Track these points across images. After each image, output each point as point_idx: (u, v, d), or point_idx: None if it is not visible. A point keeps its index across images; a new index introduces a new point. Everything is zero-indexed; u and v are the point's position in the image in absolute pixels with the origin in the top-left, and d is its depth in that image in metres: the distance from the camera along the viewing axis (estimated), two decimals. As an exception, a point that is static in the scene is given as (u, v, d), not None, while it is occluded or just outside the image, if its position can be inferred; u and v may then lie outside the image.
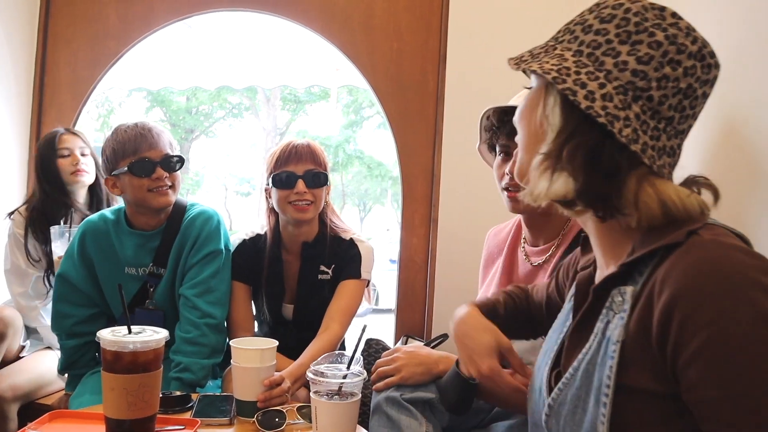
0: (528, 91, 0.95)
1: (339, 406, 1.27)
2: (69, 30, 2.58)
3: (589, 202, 0.82)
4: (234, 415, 1.44)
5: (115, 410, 1.17)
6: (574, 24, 0.88)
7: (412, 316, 2.47)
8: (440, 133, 2.39)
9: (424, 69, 2.45)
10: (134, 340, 1.17)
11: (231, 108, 14.74)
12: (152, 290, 1.85)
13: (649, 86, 0.79)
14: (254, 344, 1.51)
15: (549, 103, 0.85)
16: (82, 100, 2.58)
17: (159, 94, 13.18)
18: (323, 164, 1.88)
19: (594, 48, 0.83)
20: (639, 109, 0.79)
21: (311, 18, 2.49)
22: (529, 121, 0.90)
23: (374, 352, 2.00)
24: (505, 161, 1.51)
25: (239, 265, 1.91)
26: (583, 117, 0.80)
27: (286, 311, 1.97)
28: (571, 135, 0.81)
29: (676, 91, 0.80)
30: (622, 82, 0.80)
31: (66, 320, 1.84)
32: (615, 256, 0.86)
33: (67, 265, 1.86)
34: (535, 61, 0.87)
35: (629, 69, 0.80)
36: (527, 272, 1.56)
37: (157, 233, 1.85)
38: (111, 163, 1.79)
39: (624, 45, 0.81)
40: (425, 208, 2.46)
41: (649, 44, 0.80)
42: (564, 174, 0.81)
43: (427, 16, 2.45)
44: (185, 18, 2.60)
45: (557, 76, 0.81)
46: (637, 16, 0.82)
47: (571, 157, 0.81)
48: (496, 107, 1.52)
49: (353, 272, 1.90)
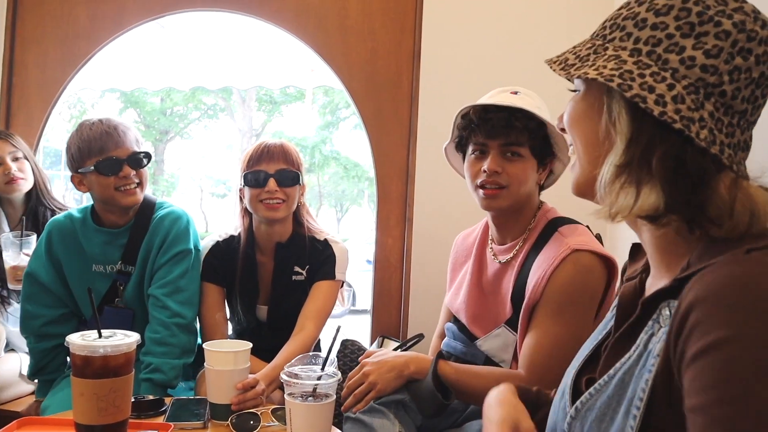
0: (509, 95, 0.89)
1: (314, 408, 1.26)
2: (38, 30, 2.54)
3: (681, 213, 0.74)
4: (208, 418, 1.43)
5: (85, 416, 1.15)
6: (622, 18, 0.80)
7: (387, 316, 2.48)
8: (415, 134, 2.40)
9: (399, 69, 2.45)
10: (105, 344, 1.15)
11: (206, 109, 14.62)
12: (122, 288, 1.84)
13: (720, 81, 0.73)
14: (227, 347, 1.50)
15: (614, 110, 0.77)
16: (51, 102, 2.54)
17: (132, 95, 13.02)
18: (296, 164, 1.87)
19: (654, 45, 0.76)
20: (712, 107, 0.73)
21: (285, 18, 2.49)
22: (588, 129, 0.83)
23: (350, 353, 2.00)
24: (479, 159, 1.52)
25: (212, 267, 1.90)
26: (657, 123, 0.73)
27: (260, 313, 1.96)
28: (650, 144, 0.74)
29: (749, 81, 0.74)
30: (692, 80, 0.73)
31: (35, 321, 1.81)
32: (670, 268, 0.80)
33: (36, 265, 1.84)
34: (586, 65, 0.80)
35: (698, 65, 0.73)
36: (495, 270, 1.58)
37: (125, 230, 1.83)
38: (76, 161, 1.78)
39: (688, 38, 0.74)
40: (400, 209, 2.46)
41: (717, 35, 0.73)
42: (649, 186, 0.74)
43: (401, 16, 2.45)
44: (157, 18, 2.57)
45: (622, 83, 0.74)
46: (698, 5, 0.75)
47: (659, 167, 0.73)
48: (477, 104, 1.52)
49: (328, 273, 1.90)
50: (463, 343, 1.64)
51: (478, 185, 1.51)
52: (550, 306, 1.40)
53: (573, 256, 1.39)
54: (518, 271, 1.50)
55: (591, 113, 0.82)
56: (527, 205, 1.54)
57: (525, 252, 1.51)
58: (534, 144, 1.49)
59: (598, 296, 1.42)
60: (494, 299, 1.57)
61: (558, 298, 1.39)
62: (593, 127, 0.81)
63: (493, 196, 1.49)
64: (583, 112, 0.84)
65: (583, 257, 1.39)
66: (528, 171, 1.50)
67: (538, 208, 1.57)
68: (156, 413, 1.45)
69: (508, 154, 1.49)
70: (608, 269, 1.42)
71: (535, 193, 1.56)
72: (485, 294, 1.60)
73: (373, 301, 2.50)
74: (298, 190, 1.89)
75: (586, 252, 1.39)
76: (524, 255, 1.50)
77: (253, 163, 1.85)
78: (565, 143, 1.50)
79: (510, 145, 1.48)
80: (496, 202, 1.50)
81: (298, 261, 1.91)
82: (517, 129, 1.47)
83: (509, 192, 1.49)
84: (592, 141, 0.82)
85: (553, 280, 1.39)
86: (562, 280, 1.39)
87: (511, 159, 1.49)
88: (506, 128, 1.47)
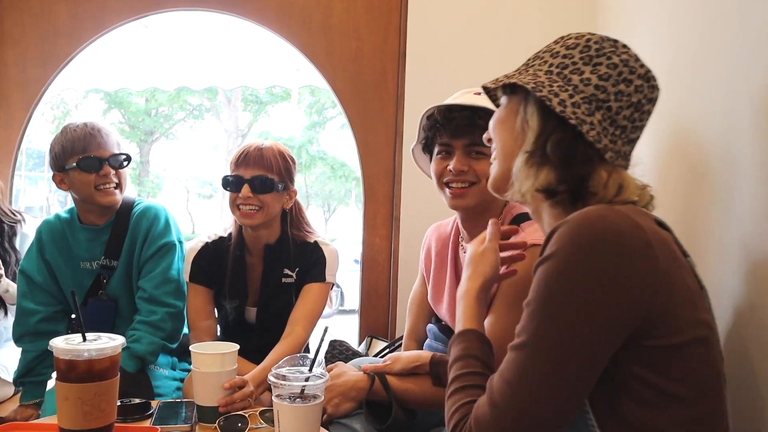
0: (473, 95, 1.18)
1: (301, 409, 1.25)
2: (17, 28, 2.50)
3: (570, 184, 0.98)
4: (195, 421, 1.42)
5: (70, 421, 1.14)
6: (542, 52, 1.07)
7: (375, 316, 2.47)
8: (401, 133, 2.39)
9: (384, 68, 2.45)
10: (89, 347, 1.14)
11: (191, 109, 14.53)
12: (105, 282, 1.90)
13: (608, 98, 0.98)
14: (214, 349, 1.49)
15: (528, 111, 1.02)
16: (33, 102, 2.50)
17: (117, 96, 12.92)
18: (276, 170, 1.82)
19: (562, 68, 1.01)
20: (600, 116, 0.98)
21: (269, 18, 2.47)
22: (507, 128, 1.07)
23: (338, 353, 1.99)
24: (444, 159, 1.53)
25: (201, 269, 1.89)
26: (558, 120, 0.98)
27: (249, 314, 1.94)
28: (551, 134, 0.98)
29: (629, 104, 0.99)
30: (587, 95, 0.98)
31: (31, 317, 1.88)
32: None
33: (29, 263, 1.92)
34: (512, 79, 1.04)
35: (592, 84, 0.98)
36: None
37: (107, 226, 1.92)
38: (59, 160, 1.85)
39: (587, 66, 1.00)
40: (387, 208, 2.46)
41: (608, 65, 0.99)
42: (546, 167, 0.99)
43: (385, 15, 2.44)
44: (140, 17, 2.54)
45: (535, 86, 0.99)
46: (597, 44, 1.01)
47: (553, 151, 0.98)
48: (440, 105, 1.53)
49: (318, 276, 1.88)
50: (444, 344, 1.64)
51: (444, 183, 1.52)
52: (504, 298, 1.40)
53: (528, 250, 1.40)
54: None
55: (510, 116, 1.07)
56: (494, 203, 1.55)
57: None
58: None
59: None
60: None
61: (511, 290, 1.39)
62: (510, 127, 1.06)
63: (461, 195, 1.50)
64: (504, 116, 1.09)
65: (537, 251, 1.40)
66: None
67: (504, 205, 1.58)
68: (142, 417, 1.44)
69: (473, 153, 1.49)
70: None
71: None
72: None
73: (361, 301, 2.50)
74: (279, 197, 1.85)
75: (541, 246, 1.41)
76: None
77: (233, 166, 1.84)
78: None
79: (474, 144, 1.49)
80: (464, 201, 1.51)
81: (287, 263, 1.90)
82: (480, 128, 1.47)
83: (478, 188, 1.49)
84: (512, 137, 1.06)
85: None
86: (517, 273, 1.40)
87: (476, 158, 1.49)
88: (470, 127, 1.47)
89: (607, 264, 0.85)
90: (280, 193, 1.85)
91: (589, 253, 0.86)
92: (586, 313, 0.84)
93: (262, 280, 1.92)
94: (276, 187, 1.82)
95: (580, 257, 0.86)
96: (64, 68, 2.53)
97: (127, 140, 13.98)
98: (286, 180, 1.86)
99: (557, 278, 0.87)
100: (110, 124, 2.03)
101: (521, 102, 1.04)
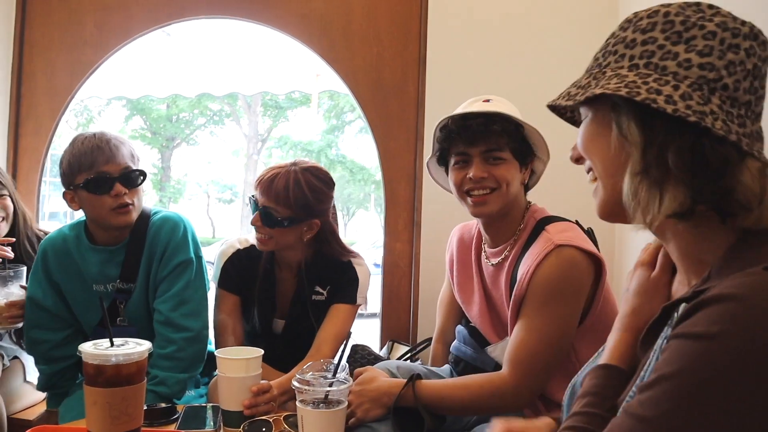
0: (482, 103, 0.91)
1: (325, 414, 1.26)
2: (45, 38, 2.55)
3: (709, 202, 0.76)
4: (220, 425, 1.43)
5: (98, 425, 1.15)
6: (611, 46, 0.85)
7: (397, 320, 2.47)
8: (422, 138, 2.40)
9: (405, 74, 2.45)
10: (117, 352, 1.15)
11: (212, 115, 14.68)
12: (122, 307, 1.79)
13: (719, 75, 0.77)
14: (239, 354, 1.50)
15: (623, 123, 0.81)
16: (60, 110, 2.55)
17: (139, 102, 13.09)
18: (284, 203, 1.70)
19: (648, 57, 0.81)
20: (718, 100, 0.77)
21: (290, 24, 2.49)
22: (602, 147, 0.85)
23: (360, 357, 2.00)
24: (462, 168, 1.52)
25: (230, 276, 1.86)
26: (668, 124, 0.77)
27: (277, 326, 1.91)
28: (664, 145, 0.77)
29: (745, 73, 0.79)
30: (693, 79, 0.77)
31: (41, 346, 1.78)
32: (696, 275, 0.83)
33: (34, 288, 1.78)
34: (589, 89, 0.83)
35: (695, 64, 0.78)
36: (490, 273, 1.60)
37: (122, 247, 1.77)
38: (68, 177, 1.70)
39: (678, 45, 0.79)
40: (408, 213, 2.46)
41: (704, 36, 0.79)
42: (670, 184, 0.77)
43: (406, 21, 2.45)
44: (164, 26, 2.58)
45: (629, 91, 0.77)
46: (679, 16, 0.81)
47: (677, 163, 0.76)
48: (454, 114, 1.53)
49: (348, 297, 1.83)
50: (473, 348, 1.63)
51: (464, 192, 1.52)
52: (534, 301, 1.40)
53: (556, 251, 1.39)
54: (510, 272, 1.51)
55: (602, 132, 0.85)
56: (515, 207, 1.55)
57: (515, 253, 1.51)
58: (514, 146, 1.50)
59: (583, 291, 1.42)
60: (501, 304, 1.57)
61: (541, 292, 1.39)
62: (606, 144, 0.84)
63: (483, 202, 1.50)
64: (593, 133, 0.87)
65: (566, 252, 1.39)
66: (513, 172, 1.51)
67: (526, 209, 1.57)
68: (168, 421, 1.45)
69: (491, 159, 1.49)
70: (595, 265, 1.42)
71: (521, 193, 1.57)
72: (493, 301, 1.60)
73: (383, 306, 2.50)
74: (289, 231, 1.74)
75: (570, 247, 1.39)
76: (514, 256, 1.51)
77: (255, 187, 1.78)
78: (543, 142, 1.52)
79: (491, 150, 1.48)
80: (486, 208, 1.50)
81: (319, 281, 1.86)
82: (496, 133, 1.47)
83: (500, 193, 1.49)
84: (608, 157, 0.84)
85: (537, 275, 1.40)
86: (546, 274, 1.39)
87: (495, 163, 1.49)
88: (486, 133, 1.47)
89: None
90: (291, 228, 1.74)
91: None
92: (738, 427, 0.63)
93: (293, 297, 1.88)
94: (281, 223, 1.72)
95: (757, 358, 0.63)
96: (90, 76, 2.57)
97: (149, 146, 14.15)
98: (301, 213, 1.73)
99: (713, 368, 0.64)
100: (131, 131, 1.96)
101: (610, 111, 0.83)
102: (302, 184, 1.71)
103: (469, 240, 1.71)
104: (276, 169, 1.75)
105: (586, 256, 1.40)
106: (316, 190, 1.73)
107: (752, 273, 0.69)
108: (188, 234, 1.79)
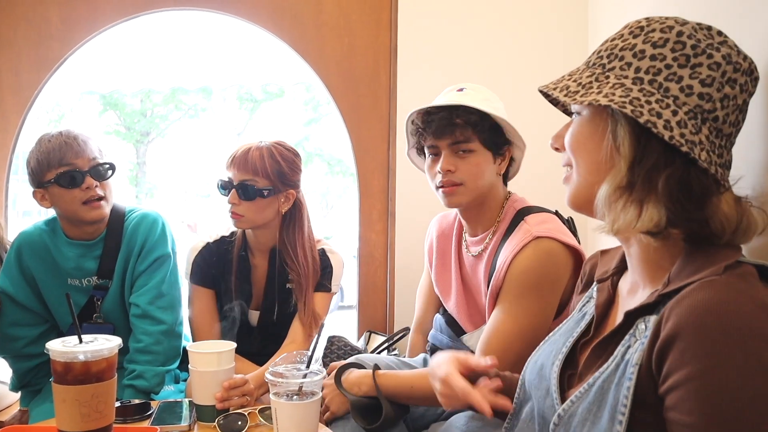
0: (456, 93, 0.91)
1: (300, 407, 1.26)
2: (9, 32, 2.49)
3: (683, 228, 0.80)
4: (194, 420, 1.42)
5: (68, 423, 1.14)
6: (619, 49, 0.86)
7: (374, 311, 2.47)
8: (394, 127, 2.39)
9: (376, 64, 2.44)
10: (85, 349, 1.14)
11: (187, 109, 14.49)
12: (99, 303, 1.79)
13: (714, 107, 0.80)
14: (211, 347, 1.49)
15: (618, 135, 0.82)
16: (26, 106, 2.50)
17: (111, 97, 12.87)
18: (263, 173, 1.74)
19: (654, 74, 0.82)
20: (707, 131, 0.80)
21: (261, 16, 2.47)
22: (592, 151, 0.87)
23: (336, 349, 2.00)
24: (435, 161, 1.53)
25: (202, 270, 1.85)
26: (662, 147, 0.79)
27: (252, 317, 1.91)
28: (656, 166, 0.79)
29: (735, 108, 0.82)
30: (691, 107, 0.80)
31: (15, 343, 1.78)
32: (654, 280, 0.86)
33: (6, 282, 1.78)
34: (592, 92, 0.84)
35: (695, 93, 0.80)
36: (471, 263, 1.60)
37: (99, 242, 1.79)
38: (37, 175, 1.71)
39: (684, 68, 0.81)
40: (382, 203, 2.46)
41: (709, 66, 0.80)
42: (650, 203, 0.80)
43: (376, 11, 2.44)
44: (131, 18, 2.53)
45: (634, 109, 0.79)
46: (691, 39, 0.81)
47: (665, 188, 0.79)
48: (420, 109, 1.54)
49: (323, 285, 1.85)
50: (449, 336, 1.64)
51: (437, 186, 1.53)
52: (510, 292, 1.41)
53: (534, 242, 1.40)
54: (489, 262, 1.51)
55: (595, 137, 0.86)
56: (490, 197, 1.55)
57: (495, 243, 1.52)
58: (483, 137, 1.50)
59: (561, 282, 1.42)
60: (478, 293, 1.58)
61: (518, 284, 1.40)
62: (596, 148, 0.86)
63: (452, 194, 1.51)
64: (586, 134, 0.88)
65: (544, 243, 1.40)
66: (482, 164, 1.51)
67: (505, 199, 1.57)
68: (142, 417, 1.44)
69: (459, 152, 1.50)
70: (574, 257, 1.43)
71: (497, 184, 1.57)
72: (471, 291, 1.61)
73: (359, 297, 2.50)
74: (268, 203, 1.78)
75: (548, 239, 1.40)
76: (494, 246, 1.52)
77: (226, 166, 1.79)
78: (515, 130, 1.51)
79: (458, 143, 1.49)
80: (456, 199, 1.52)
81: (292, 267, 1.85)
82: (459, 126, 1.48)
83: (466, 188, 1.50)
84: (595, 161, 0.86)
85: (514, 266, 1.40)
86: (523, 265, 1.40)
87: (464, 156, 1.50)
88: (449, 126, 1.48)
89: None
90: (270, 199, 1.78)
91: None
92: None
93: (267, 284, 1.88)
94: (260, 193, 1.75)
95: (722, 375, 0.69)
96: (56, 71, 2.52)
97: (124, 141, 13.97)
98: (278, 183, 1.77)
99: (740, 392, 0.68)
100: (105, 126, 1.94)
101: (606, 118, 0.84)
102: (275, 155, 1.76)
103: (449, 230, 1.71)
104: (246, 145, 1.78)
105: (564, 249, 1.41)
106: (289, 160, 1.79)
107: (711, 282, 0.73)
108: (166, 230, 1.83)
